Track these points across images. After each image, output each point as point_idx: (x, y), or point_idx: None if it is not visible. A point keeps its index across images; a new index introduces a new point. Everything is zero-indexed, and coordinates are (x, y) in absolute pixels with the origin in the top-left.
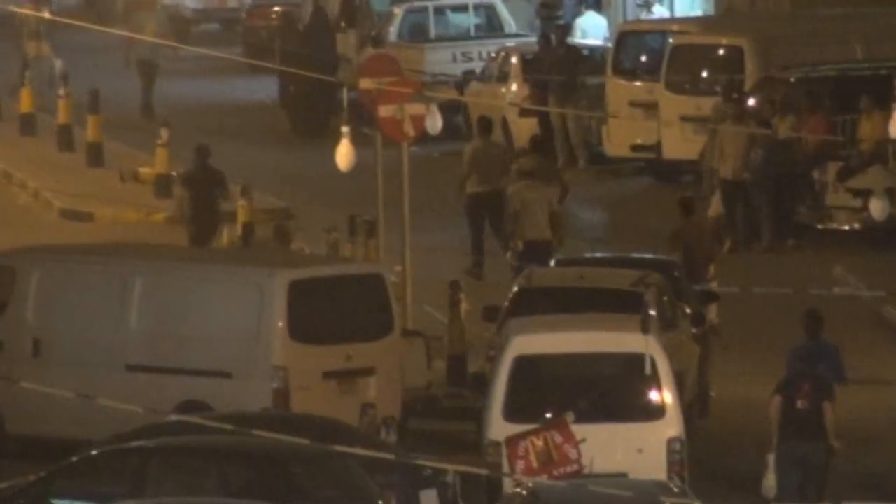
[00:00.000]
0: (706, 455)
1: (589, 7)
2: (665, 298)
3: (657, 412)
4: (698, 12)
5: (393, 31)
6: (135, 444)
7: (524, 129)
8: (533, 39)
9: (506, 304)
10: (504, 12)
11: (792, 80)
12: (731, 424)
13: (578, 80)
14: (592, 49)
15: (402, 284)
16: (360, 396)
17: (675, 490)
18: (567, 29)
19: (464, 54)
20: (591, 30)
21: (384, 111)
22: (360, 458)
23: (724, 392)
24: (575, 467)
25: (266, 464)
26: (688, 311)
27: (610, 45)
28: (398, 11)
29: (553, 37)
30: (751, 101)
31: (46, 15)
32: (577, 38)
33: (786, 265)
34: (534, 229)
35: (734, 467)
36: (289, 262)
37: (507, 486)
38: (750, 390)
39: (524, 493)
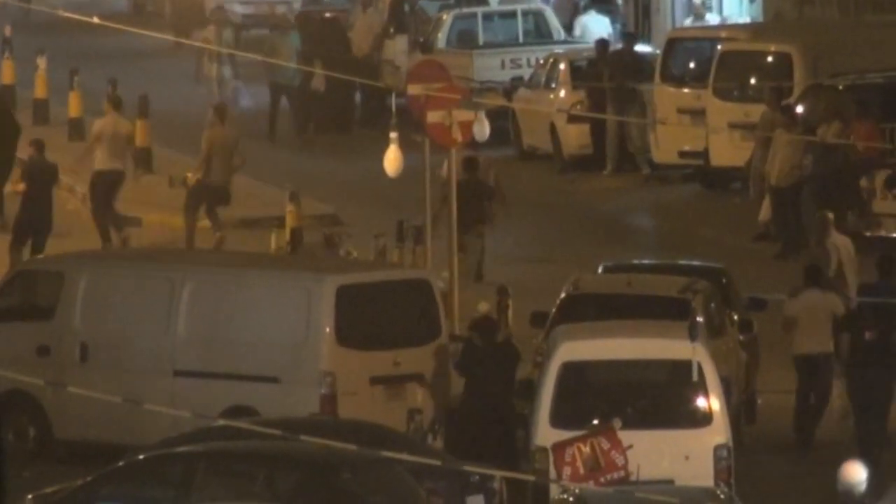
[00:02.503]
0: (753, 462)
1: (591, 6)
2: (712, 305)
3: (704, 419)
4: (747, 19)
5: (441, 38)
6: (182, 449)
7: (572, 135)
8: (582, 46)
9: (553, 310)
10: (553, 19)
11: (840, 87)
12: (778, 431)
13: (639, 88)
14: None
15: (449, 290)
16: (407, 402)
17: (722, 497)
18: (634, 36)
19: (512, 61)
20: (594, 28)
21: (432, 117)
22: (408, 463)
23: (771, 399)
24: (622, 474)
25: (314, 469)
26: (735, 317)
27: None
28: (446, 17)
29: (608, 43)
30: (798, 109)
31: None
32: (577, 36)
33: None
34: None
35: (781, 474)
36: (336, 268)
37: (554, 492)
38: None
39: (571, 499)
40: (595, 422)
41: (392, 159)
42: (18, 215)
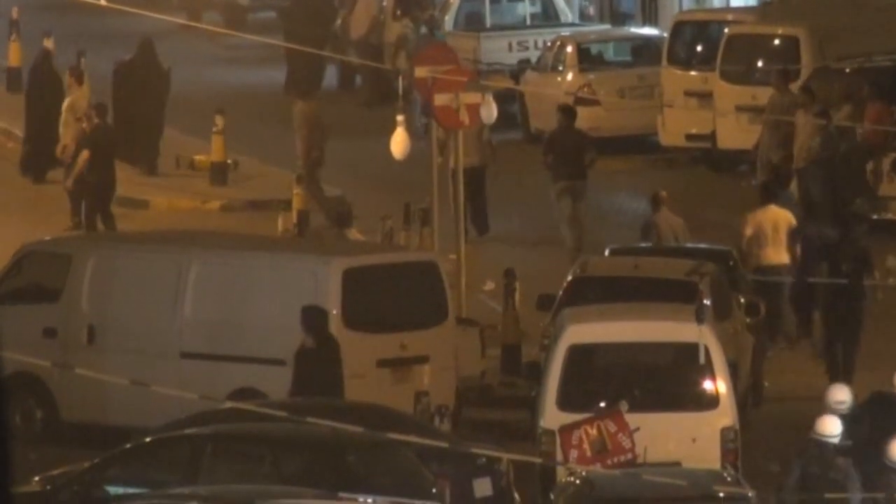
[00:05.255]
0: (760, 444)
1: None
2: (719, 288)
3: (711, 401)
4: (753, 2)
5: (449, 20)
6: (189, 431)
7: (580, 118)
8: (589, 28)
9: (560, 292)
10: (560, 1)
11: (847, 70)
12: (784, 414)
13: None
14: (649, 38)
15: (456, 272)
16: (414, 384)
17: (729, 479)
18: None
19: (519, 43)
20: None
21: (439, 100)
22: (415, 446)
23: (778, 381)
24: (629, 456)
25: (320, 452)
26: (742, 300)
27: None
28: (454, 0)
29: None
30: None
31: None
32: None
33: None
34: (465, 157)
35: (788, 456)
36: (343, 251)
37: (561, 474)
38: (803, 379)
39: (578, 481)
40: (602, 404)
41: (399, 142)
42: (87, 182)
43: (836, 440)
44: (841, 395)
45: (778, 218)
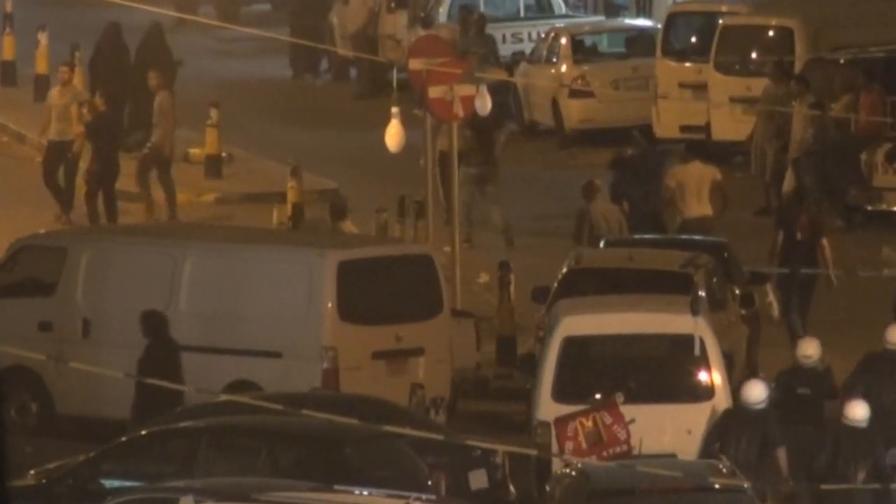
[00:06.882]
0: None
1: None
2: (714, 280)
3: (706, 393)
4: None
5: (443, 12)
6: (184, 424)
7: (574, 110)
8: (583, 20)
9: (555, 284)
10: None
11: (841, 61)
12: None
13: None
14: (643, 29)
15: (450, 265)
16: (409, 377)
17: (724, 471)
18: None
19: (513, 35)
20: None
21: (434, 92)
22: (410, 438)
23: (773, 372)
24: (624, 448)
25: (316, 444)
26: (736, 292)
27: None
28: None
29: None
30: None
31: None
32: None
33: (835, 246)
34: (444, 139)
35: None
36: (338, 243)
37: (557, 466)
38: None
39: (573, 473)
40: (597, 396)
41: (393, 134)
42: (89, 167)
43: (864, 424)
44: (809, 349)
45: (702, 173)
